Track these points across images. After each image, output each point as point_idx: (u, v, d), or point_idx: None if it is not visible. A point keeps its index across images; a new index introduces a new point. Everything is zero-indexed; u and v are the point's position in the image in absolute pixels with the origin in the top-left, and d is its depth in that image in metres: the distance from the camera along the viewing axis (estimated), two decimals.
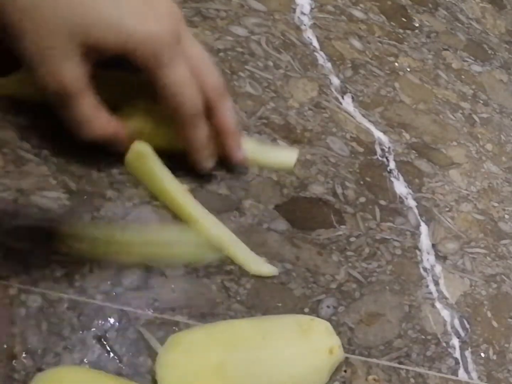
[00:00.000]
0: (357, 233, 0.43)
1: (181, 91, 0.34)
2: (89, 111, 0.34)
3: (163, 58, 0.33)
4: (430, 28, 0.64)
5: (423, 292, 0.43)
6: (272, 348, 0.34)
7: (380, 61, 0.57)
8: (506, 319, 0.44)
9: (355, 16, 0.59)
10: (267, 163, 0.44)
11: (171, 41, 0.33)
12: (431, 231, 0.47)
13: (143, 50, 0.33)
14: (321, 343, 0.35)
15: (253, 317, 0.36)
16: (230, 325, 0.35)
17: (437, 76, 0.59)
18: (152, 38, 0.32)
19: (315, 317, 0.37)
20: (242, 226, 0.39)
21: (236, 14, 0.51)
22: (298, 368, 0.34)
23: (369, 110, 0.52)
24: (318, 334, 0.36)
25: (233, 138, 0.39)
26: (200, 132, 0.37)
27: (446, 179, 0.51)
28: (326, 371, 0.35)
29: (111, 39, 0.32)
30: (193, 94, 0.35)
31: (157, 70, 0.33)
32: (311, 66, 0.52)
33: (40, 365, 0.30)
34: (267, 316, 0.37)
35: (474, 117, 0.58)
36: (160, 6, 0.34)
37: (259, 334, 0.35)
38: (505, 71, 0.65)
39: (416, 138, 0.52)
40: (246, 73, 0.48)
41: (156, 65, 0.33)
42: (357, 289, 0.40)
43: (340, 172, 0.46)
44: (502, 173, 0.54)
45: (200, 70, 0.36)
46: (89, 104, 0.33)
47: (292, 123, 0.47)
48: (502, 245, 0.49)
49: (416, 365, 0.39)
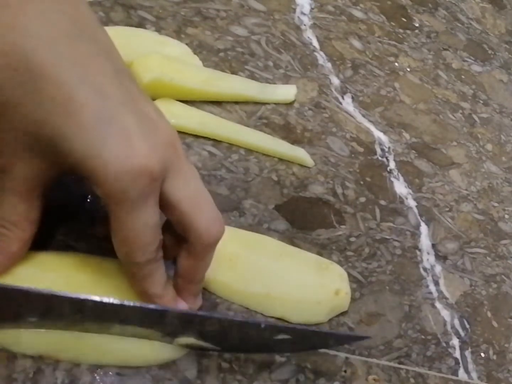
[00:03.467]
0: (357, 233, 0.43)
1: (134, 240, 0.28)
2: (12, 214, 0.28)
3: (132, 199, 0.26)
4: (430, 28, 0.64)
5: (423, 292, 0.43)
6: (285, 265, 0.37)
7: (380, 61, 0.57)
8: (506, 319, 0.44)
9: (355, 16, 0.59)
10: (266, 100, 0.46)
11: (150, 181, 0.27)
12: (431, 231, 0.47)
13: (114, 185, 0.26)
14: (330, 283, 0.38)
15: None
16: (257, 236, 0.39)
17: (437, 76, 0.59)
18: (130, 174, 0.26)
19: None
20: (242, 226, 0.39)
21: (236, 14, 0.51)
22: (301, 293, 0.37)
23: (369, 110, 0.52)
24: (331, 275, 0.38)
25: (195, 287, 0.32)
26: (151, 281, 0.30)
27: (446, 179, 0.51)
28: (326, 310, 0.37)
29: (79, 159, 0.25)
30: (147, 244, 0.28)
31: (118, 210, 0.27)
32: (311, 66, 0.52)
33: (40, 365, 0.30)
34: (294, 247, 0.40)
35: (474, 117, 0.58)
36: (160, 134, 0.28)
37: (279, 251, 0.38)
38: (505, 71, 0.65)
39: (416, 138, 0.52)
40: (246, 73, 0.48)
41: (119, 204, 0.26)
42: (357, 289, 0.40)
43: (340, 172, 0.46)
44: (502, 173, 0.54)
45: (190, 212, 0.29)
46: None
47: (292, 123, 0.47)
48: (502, 245, 0.49)
49: (416, 365, 0.39)
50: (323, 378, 0.35)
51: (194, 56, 0.46)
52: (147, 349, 0.32)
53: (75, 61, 0.25)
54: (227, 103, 0.45)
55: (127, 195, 0.26)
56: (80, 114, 0.25)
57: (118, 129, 0.26)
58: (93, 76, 0.26)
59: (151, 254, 0.29)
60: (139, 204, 0.27)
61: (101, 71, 0.26)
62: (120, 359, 0.31)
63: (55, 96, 0.25)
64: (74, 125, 0.25)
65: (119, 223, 0.27)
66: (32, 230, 0.29)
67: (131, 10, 0.46)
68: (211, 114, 0.43)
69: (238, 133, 0.43)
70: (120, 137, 0.26)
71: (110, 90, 0.26)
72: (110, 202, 0.27)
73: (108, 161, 0.25)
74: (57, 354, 0.30)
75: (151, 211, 0.28)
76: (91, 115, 0.25)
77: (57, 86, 0.25)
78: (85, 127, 0.25)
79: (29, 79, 0.25)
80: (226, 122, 0.44)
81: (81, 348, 0.30)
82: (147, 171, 0.26)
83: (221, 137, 0.43)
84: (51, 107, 0.25)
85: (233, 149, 0.43)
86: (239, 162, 0.43)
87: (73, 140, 0.25)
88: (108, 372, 0.31)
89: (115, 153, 0.25)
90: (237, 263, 0.36)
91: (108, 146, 0.25)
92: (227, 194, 0.40)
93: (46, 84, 0.25)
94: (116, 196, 0.26)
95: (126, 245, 0.28)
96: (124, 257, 0.29)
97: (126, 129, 0.26)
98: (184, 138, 0.41)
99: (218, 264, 0.35)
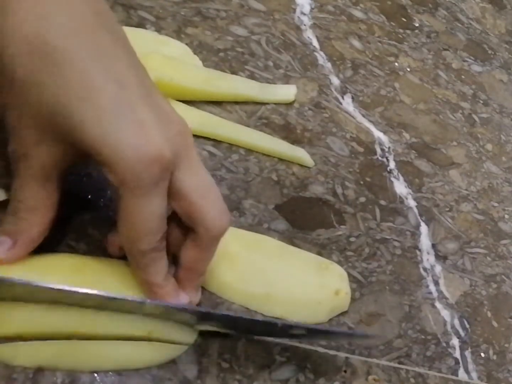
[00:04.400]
0: (357, 233, 0.43)
1: (141, 227, 0.28)
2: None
3: (144, 185, 0.27)
4: (430, 28, 0.64)
5: (423, 292, 0.43)
6: (285, 265, 0.37)
7: (380, 61, 0.57)
8: (506, 319, 0.44)
9: (355, 16, 0.59)
10: (266, 100, 0.47)
11: (161, 170, 0.28)
12: (431, 231, 0.47)
13: (128, 171, 0.27)
14: (330, 283, 0.38)
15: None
16: (257, 236, 0.39)
17: (437, 76, 0.59)
18: (143, 162, 0.27)
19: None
20: (242, 226, 0.39)
21: (236, 14, 0.51)
22: (301, 293, 0.37)
23: (369, 110, 0.52)
24: (331, 275, 0.39)
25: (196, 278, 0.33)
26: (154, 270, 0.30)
27: (446, 179, 0.51)
28: (326, 310, 0.37)
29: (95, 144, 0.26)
30: (153, 232, 0.29)
31: (131, 195, 0.28)
32: (311, 66, 0.52)
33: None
34: (295, 247, 0.40)
35: (474, 117, 0.58)
36: (173, 126, 0.29)
37: (279, 251, 0.38)
38: (505, 71, 0.65)
39: (416, 138, 0.52)
40: (246, 73, 0.48)
41: (131, 190, 0.27)
42: (357, 289, 0.40)
43: (340, 172, 0.46)
44: (502, 173, 0.54)
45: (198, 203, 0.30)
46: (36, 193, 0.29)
47: (292, 123, 0.47)
48: (502, 245, 0.49)
49: (416, 365, 0.39)
50: (323, 378, 0.36)
51: (194, 56, 0.46)
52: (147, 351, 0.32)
53: (96, 51, 0.27)
54: (227, 103, 0.45)
55: (139, 182, 0.27)
56: (99, 100, 0.26)
57: (134, 118, 0.27)
58: (113, 66, 0.27)
59: (155, 243, 0.29)
60: (150, 191, 0.28)
61: (120, 62, 0.27)
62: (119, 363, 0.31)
63: (77, 81, 0.26)
64: (92, 110, 0.26)
65: (128, 209, 0.28)
66: (51, 215, 0.29)
67: (131, 10, 0.46)
68: (211, 114, 0.43)
69: (238, 133, 0.43)
70: (136, 125, 0.27)
71: (127, 80, 0.27)
72: (122, 188, 0.27)
73: (123, 148, 0.26)
74: (56, 365, 0.30)
75: (160, 199, 0.28)
76: (109, 102, 0.26)
77: (78, 72, 0.26)
78: (103, 112, 0.26)
79: (52, 65, 0.26)
80: (226, 122, 0.44)
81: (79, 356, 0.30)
82: (159, 160, 0.27)
83: (221, 137, 0.43)
84: (72, 91, 0.26)
85: (233, 149, 0.43)
86: (239, 162, 0.43)
87: (90, 125, 0.26)
88: (108, 372, 0.31)
89: (131, 141, 0.26)
90: (237, 263, 0.36)
91: (124, 133, 0.26)
92: (227, 194, 0.40)
93: (68, 70, 0.26)
94: (129, 182, 0.27)
95: (133, 232, 0.29)
96: (129, 244, 0.29)
97: (141, 118, 0.27)
98: None
99: (218, 264, 0.35)
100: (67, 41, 0.26)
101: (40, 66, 0.26)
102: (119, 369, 0.31)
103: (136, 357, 0.31)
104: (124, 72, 0.27)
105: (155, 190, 0.28)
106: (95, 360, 0.31)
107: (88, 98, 0.26)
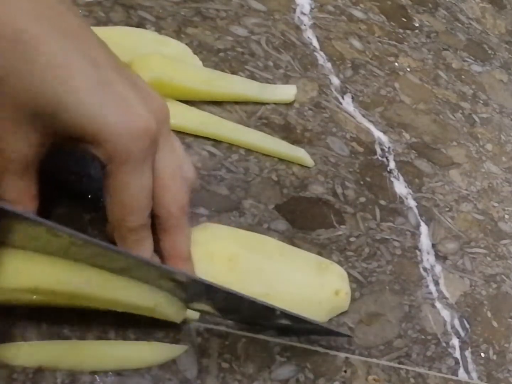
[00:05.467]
0: (357, 233, 0.43)
1: (131, 203, 0.29)
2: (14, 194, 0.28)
3: (133, 159, 0.27)
4: (430, 28, 0.64)
5: (423, 292, 0.43)
6: (285, 265, 0.38)
7: (380, 61, 0.57)
8: (506, 319, 0.44)
9: (355, 16, 0.59)
10: (266, 100, 0.47)
11: (150, 143, 0.28)
12: (431, 231, 0.47)
13: (117, 145, 0.27)
14: (330, 283, 0.38)
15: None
16: (257, 236, 0.38)
17: (437, 76, 0.59)
18: (133, 134, 0.27)
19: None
20: (242, 226, 0.39)
21: (236, 14, 0.51)
22: (301, 293, 0.37)
23: (369, 110, 0.52)
24: (331, 275, 0.39)
25: (185, 265, 0.33)
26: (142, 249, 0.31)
27: (446, 179, 0.51)
28: (326, 310, 0.37)
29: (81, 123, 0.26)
30: (142, 208, 0.29)
31: (120, 171, 0.28)
32: (311, 66, 0.52)
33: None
34: (295, 247, 0.40)
35: (474, 117, 0.58)
36: (153, 101, 0.29)
37: (279, 251, 0.38)
38: (505, 71, 0.65)
39: (416, 138, 0.52)
40: (246, 73, 0.48)
41: (120, 165, 0.27)
42: (357, 289, 0.40)
43: (340, 172, 0.46)
44: (502, 173, 0.54)
45: (165, 184, 0.30)
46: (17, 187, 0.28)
47: (292, 123, 0.47)
48: (502, 245, 0.49)
49: (416, 365, 0.39)
50: (323, 378, 0.36)
51: (194, 56, 0.46)
52: (147, 351, 0.32)
53: (65, 33, 0.26)
54: (227, 103, 0.45)
55: (130, 155, 0.27)
56: (77, 81, 0.26)
57: (115, 94, 0.27)
58: (84, 47, 0.27)
59: (143, 219, 0.30)
60: (139, 165, 0.28)
61: (90, 42, 0.27)
62: (119, 363, 0.31)
63: (49, 65, 0.25)
64: (72, 91, 0.26)
65: (118, 186, 0.28)
66: (34, 206, 0.29)
67: (131, 10, 0.46)
68: (211, 114, 0.43)
69: (238, 133, 0.43)
70: (119, 101, 0.27)
71: (101, 59, 0.27)
72: (111, 165, 0.27)
73: (111, 123, 0.26)
74: (56, 365, 0.30)
75: (148, 174, 0.29)
76: (87, 82, 0.26)
77: (50, 55, 0.25)
78: (83, 92, 0.26)
79: (23, 51, 0.25)
80: (226, 122, 0.44)
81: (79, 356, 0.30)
82: (148, 132, 0.27)
83: (221, 137, 0.43)
84: (46, 75, 0.25)
85: (233, 149, 0.43)
86: (239, 162, 0.43)
87: (72, 106, 0.26)
88: (108, 372, 0.31)
89: (117, 116, 0.27)
90: (237, 263, 0.36)
91: (109, 109, 0.26)
92: (227, 194, 0.40)
93: (40, 54, 0.25)
94: (119, 157, 0.27)
95: (122, 208, 0.29)
96: (117, 221, 0.29)
97: (122, 94, 0.27)
98: (184, 138, 0.41)
99: (218, 264, 0.35)
100: (35, 25, 0.25)
101: (12, 54, 0.25)
102: (119, 369, 0.31)
103: (136, 357, 0.31)
104: (96, 51, 0.27)
105: (143, 164, 0.28)
106: (95, 360, 0.31)
107: (66, 80, 0.26)
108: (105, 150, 0.27)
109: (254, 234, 0.39)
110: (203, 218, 0.38)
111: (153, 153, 0.29)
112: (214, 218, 0.39)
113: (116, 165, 0.27)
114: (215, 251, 0.36)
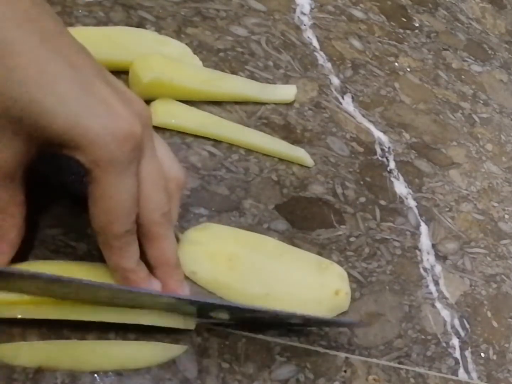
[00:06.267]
0: (357, 233, 0.43)
1: (115, 208, 0.28)
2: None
3: (118, 163, 0.27)
4: (430, 28, 0.64)
5: (423, 292, 0.43)
6: (285, 265, 0.38)
7: (380, 61, 0.57)
8: (506, 319, 0.44)
9: (355, 16, 0.59)
10: (266, 100, 0.47)
11: (135, 146, 0.27)
12: (431, 231, 0.47)
13: (101, 149, 0.26)
14: (330, 283, 0.38)
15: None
16: (257, 236, 0.39)
17: (437, 76, 0.59)
18: (117, 138, 0.26)
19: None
20: (242, 226, 0.39)
21: (236, 14, 0.51)
22: (301, 293, 0.37)
23: (369, 110, 0.52)
24: (331, 275, 0.39)
25: (174, 272, 0.32)
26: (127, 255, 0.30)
27: (446, 179, 0.51)
28: (326, 310, 0.38)
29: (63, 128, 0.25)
30: (127, 213, 0.29)
31: (105, 175, 0.27)
32: (311, 66, 0.52)
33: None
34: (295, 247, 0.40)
35: (474, 117, 0.58)
36: (135, 105, 0.29)
37: (279, 251, 0.38)
38: (505, 71, 0.65)
39: (416, 138, 0.52)
40: (246, 73, 0.48)
41: (105, 170, 0.27)
42: (357, 289, 0.40)
43: (340, 172, 0.46)
44: (502, 173, 0.54)
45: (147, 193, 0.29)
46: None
47: (292, 123, 0.47)
48: (502, 245, 0.49)
49: (416, 365, 0.39)
50: (323, 378, 0.36)
51: (194, 56, 0.46)
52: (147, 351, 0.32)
53: (43, 37, 0.26)
54: (227, 103, 0.45)
55: (115, 160, 0.27)
56: (58, 85, 0.25)
57: (97, 97, 0.26)
58: (63, 51, 0.26)
59: (129, 225, 0.29)
60: (124, 170, 0.27)
61: (68, 46, 0.27)
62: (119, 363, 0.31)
63: (31, 71, 0.25)
64: (54, 96, 0.25)
65: (102, 191, 0.27)
66: (22, 213, 0.29)
67: (131, 10, 0.46)
68: (211, 114, 0.43)
69: (238, 133, 0.43)
70: (102, 104, 0.26)
71: (80, 63, 0.27)
72: (95, 170, 0.27)
73: (95, 127, 0.26)
74: (57, 365, 0.30)
75: (133, 179, 0.28)
76: (68, 86, 0.26)
77: (29, 61, 0.25)
78: (65, 97, 0.25)
79: (1, 57, 0.25)
80: (226, 122, 0.44)
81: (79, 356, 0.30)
82: (133, 136, 0.27)
83: (221, 137, 0.43)
84: (29, 81, 0.25)
85: (233, 149, 0.43)
86: (239, 162, 0.43)
87: (53, 112, 0.25)
88: (108, 372, 0.31)
89: (100, 120, 0.26)
90: (237, 263, 0.36)
91: (92, 113, 0.26)
92: (227, 194, 0.40)
93: (18, 60, 0.25)
94: (103, 162, 0.26)
95: (107, 215, 0.28)
96: (102, 228, 0.29)
97: (104, 97, 0.27)
98: (184, 138, 0.41)
99: (218, 264, 0.35)
100: (12, 31, 0.25)
101: None
102: (119, 369, 0.31)
103: (136, 357, 0.31)
104: (75, 55, 0.27)
105: (128, 169, 0.27)
106: (95, 360, 0.31)
107: (47, 85, 0.25)
108: (90, 154, 0.26)
109: (254, 234, 0.39)
110: (203, 218, 0.38)
111: (138, 157, 0.28)
112: (214, 218, 0.39)
113: (101, 169, 0.27)
114: (215, 251, 0.36)
